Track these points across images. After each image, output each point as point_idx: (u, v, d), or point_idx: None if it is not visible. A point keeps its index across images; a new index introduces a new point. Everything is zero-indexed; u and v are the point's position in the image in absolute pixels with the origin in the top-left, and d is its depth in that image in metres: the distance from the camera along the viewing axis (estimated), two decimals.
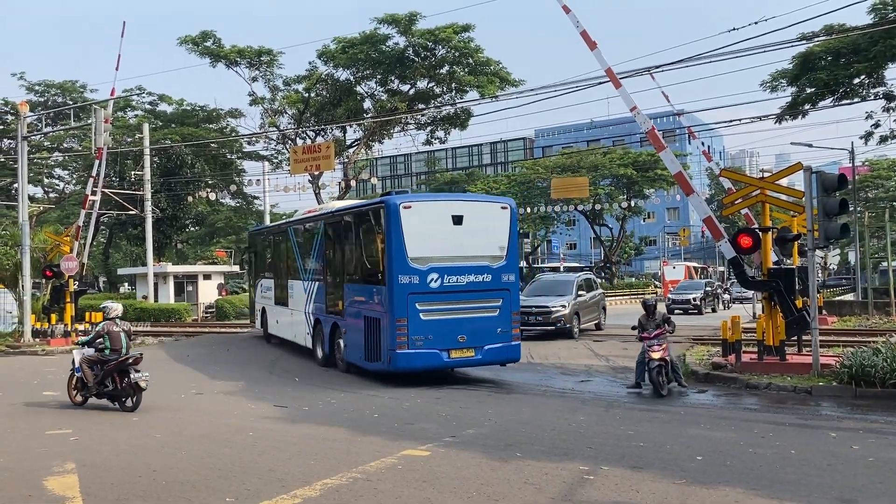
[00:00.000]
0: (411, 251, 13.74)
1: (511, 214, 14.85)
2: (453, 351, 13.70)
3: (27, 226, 24.65)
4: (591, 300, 24.23)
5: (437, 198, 18.85)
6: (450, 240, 14.18)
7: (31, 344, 23.38)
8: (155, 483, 7.15)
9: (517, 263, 15.14)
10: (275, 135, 41.32)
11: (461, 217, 14.34)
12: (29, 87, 43.88)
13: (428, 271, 13.77)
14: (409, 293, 13.61)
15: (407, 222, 13.81)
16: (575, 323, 22.05)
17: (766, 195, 14.04)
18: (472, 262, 14.17)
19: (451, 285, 13.89)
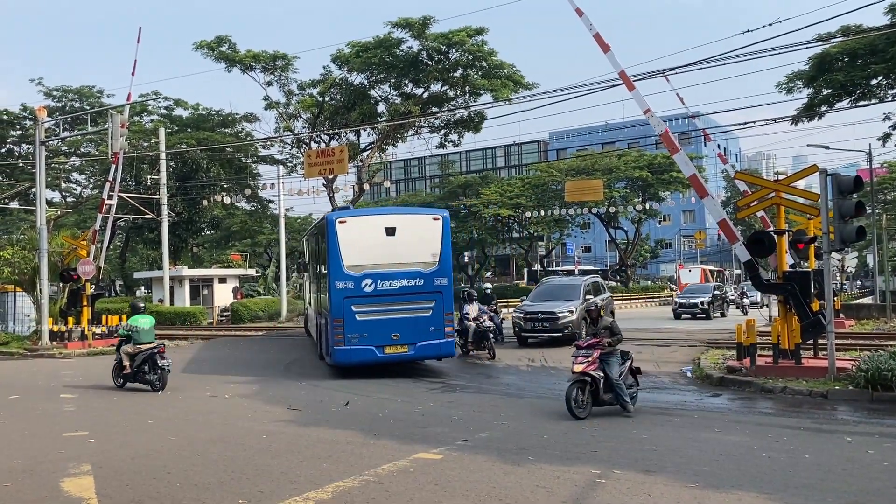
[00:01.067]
0: (346, 260, 15.62)
1: (443, 225, 16.29)
2: (387, 347, 15.44)
3: (45, 230, 24.93)
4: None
5: (372, 212, 21.15)
6: (383, 249, 15.84)
7: (48, 347, 23.64)
8: (169, 485, 7.22)
9: (450, 269, 16.31)
10: (289, 139, 41.52)
11: (394, 229, 16.14)
12: (47, 93, 44.39)
13: (362, 277, 15.54)
14: (344, 297, 15.44)
15: (342, 235, 15.81)
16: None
17: (782, 198, 13.95)
18: (404, 268, 15.73)
19: (385, 289, 15.55)
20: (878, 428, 9.70)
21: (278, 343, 25.46)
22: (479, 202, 58.32)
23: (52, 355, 22.61)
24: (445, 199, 65.57)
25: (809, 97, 27.47)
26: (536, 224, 58.59)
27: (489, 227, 59.97)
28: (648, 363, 16.97)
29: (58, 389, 14.87)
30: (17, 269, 26.09)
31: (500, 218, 58.84)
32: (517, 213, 57.94)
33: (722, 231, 14.86)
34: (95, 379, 16.62)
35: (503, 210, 57.08)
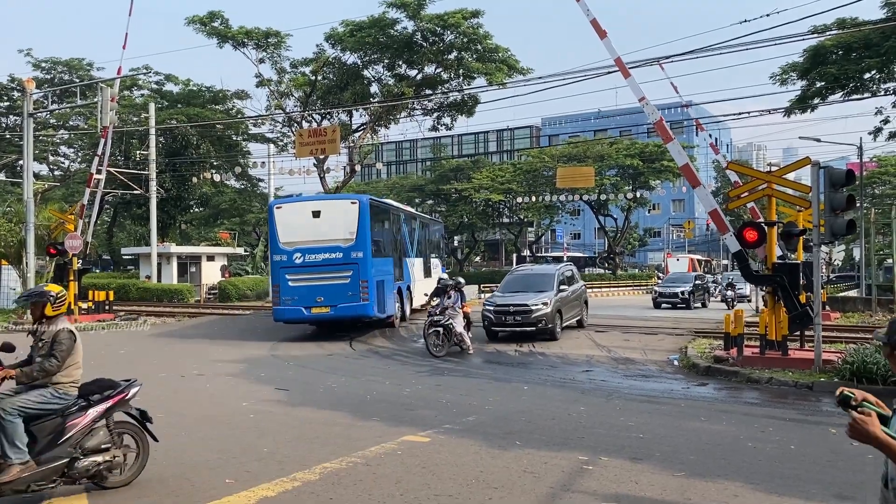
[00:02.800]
0: (282, 238, 19.52)
1: (360, 208, 19.59)
2: (313, 308, 18.78)
3: (31, 203, 24.72)
4: (573, 295, 20.65)
5: (303, 199, 24.45)
6: (310, 229, 19.36)
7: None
8: (156, 464, 7.16)
9: (366, 244, 19.37)
10: (281, 117, 41.24)
11: (319, 212, 19.85)
12: (35, 64, 43.87)
13: (293, 252, 19.27)
14: (280, 267, 19.42)
15: (279, 218, 19.75)
16: (557, 322, 18.77)
17: (773, 189, 13.98)
18: (326, 244, 19.20)
19: (311, 262, 19.15)
20: None
21: (266, 322, 25.38)
22: (471, 186, 58.25)
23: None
24: (437, 182, 65.41)
25: (803, 89, 27.51)
26: (527, 210, 58.62)
27: (480, 211, 59.97)
28: (636, 351, 17.07)
29: None
30: (2, 242, 25.86)
31: (490, 203, 58.83)
32: (508, 198, 57.93)
33: (713, 221, 14.89)
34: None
35: (494, 195, 57.05)
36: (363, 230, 19.30)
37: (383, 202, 24.63)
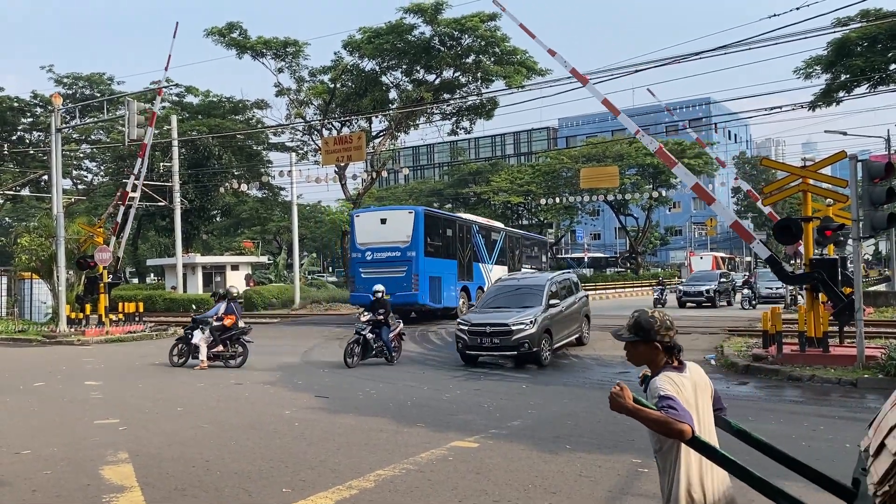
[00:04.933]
0: (359, 239, 24.98)
1: (415, 217, 24.21)
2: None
3: (62, 217, 24.96)
4: (569, 309, 17.43)
5: (373, 210, 30.13)
6: (378, 233, 24.54)
7: (66, 334, 23.72)
8: (210, 473, 7.20)
9: (419, 245, 23.75)
10: (301, 126, 41.43)
11: (385, 219, 25.06)
12: (57, 80, 44.35)
13: (366, 250, 24.61)
14: (356, 262, 24.93)
15: (357, 225, 25.45)
16: (545, 344, 15.58)
17: (809, 184, 13.82)
18: (390, 244, 24.10)
19: (378, 258, 24.19)
20: None
21: (294, 330, 25.50)
22: (489, 189, 58.20)
23: (71, 342, 22.68)
24: (455, 186, 65.45)
25: (827, 82, 27.25)
26: (546, 211, 58.46)
27: (499, 214, 59.89)
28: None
29: (82, 376, 14.89)
30: (34, 257, 26.14)
31: (510, 205, 58.73)
32: (527, 200, 57.79)
33: (737, 231, 14.78)
34: (117, 366, 16.69)
35: (513, 197, 56.97)
36: (417, 234, 23.85)
37: (441, 213, 30.09)
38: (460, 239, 26.80)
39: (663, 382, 3.25)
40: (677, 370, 3.39)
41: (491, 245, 29.49)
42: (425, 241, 24.03)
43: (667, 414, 3.08)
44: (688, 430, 3.05)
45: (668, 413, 3.08)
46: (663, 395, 3.18)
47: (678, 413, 3.07)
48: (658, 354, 3.41)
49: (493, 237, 30.02)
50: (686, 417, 3.08)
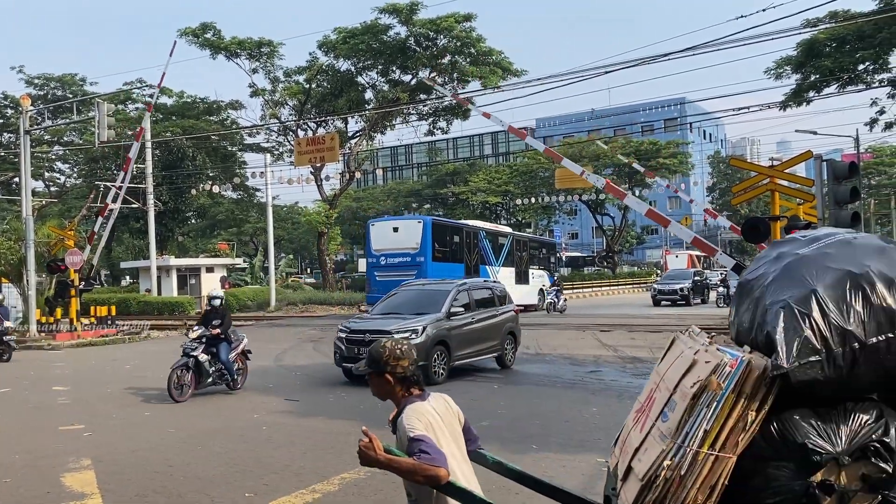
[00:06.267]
0: (374, 245, 27.62)
1: (423, 225, 26.92)
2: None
3: (31, 220, 24.60)
4: (482, 322, 14.84)
5: (388, 219, 34.95)
6: (391, 239, 27.06)
7: (36, 339, 23.39)
8: (173, 479, 7.14)
9: (427, 251, 26.20)
10: (276, 126, 41.22)
11: (397, 228, 27.67)
12: (28, 81, 43.78)
13: (380, 256, 27.15)
14: (371, 266, 27.58)
15: (373, 232, 28.03)
16: (437, 358, 13.37)
17: (776, 183, 13.97)
18: (401, 250, 26.52)
19: (391, 263, 26.45)
20: None
21: (269, 332, 25.35)
22: (467, 189, 58.29)
23: (41, 347, 22.36)
24: (433, 186, 65.45)
25: (798, 83, 27.57)
26: (524, 211, 58.67)
27: (477, 214, 59.97)
28: (643, 349, 17.07)
29: (49, 381, 14.69)
30: (3, 260, 25.75)
31: (488, 205, 58.86)
32: (505, 200, 57.97)
33: (698, 247, 15.11)
34: (87, 371, 16.49)
35: (491, 197, 57.11)
36: (425, 241, 26.34)
37: (447, 221, 33.81)
38: (467, 244, 29.27)
39: (410, 420, 3.03)
40: (420, 398, 3.20)
41: (498, 248, 31.68)
42: (433, 246, 26.60)
43: (419, 459, 2.86)
44: (443, 474, 2.85)
45: (421, 458, 2.86)
46: (413, 436, 2.95)
47: (431, 457, 2.86)
48: (393, 387, 3.21)
49: (501, 241, 32.32)
50: (440, 460, 2.88)
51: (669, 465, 2.48)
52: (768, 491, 2.49)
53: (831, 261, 2.71)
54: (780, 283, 2.75)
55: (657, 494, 2.48)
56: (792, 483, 2.46)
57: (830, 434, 2.48)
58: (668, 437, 2.56)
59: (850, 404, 2.53)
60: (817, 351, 2.47)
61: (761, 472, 2.51)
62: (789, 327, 2.53)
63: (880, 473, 2.42)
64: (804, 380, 2.47)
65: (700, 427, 2.49)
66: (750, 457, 2.50)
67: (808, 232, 3.16)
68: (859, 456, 2.44)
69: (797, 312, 2.55)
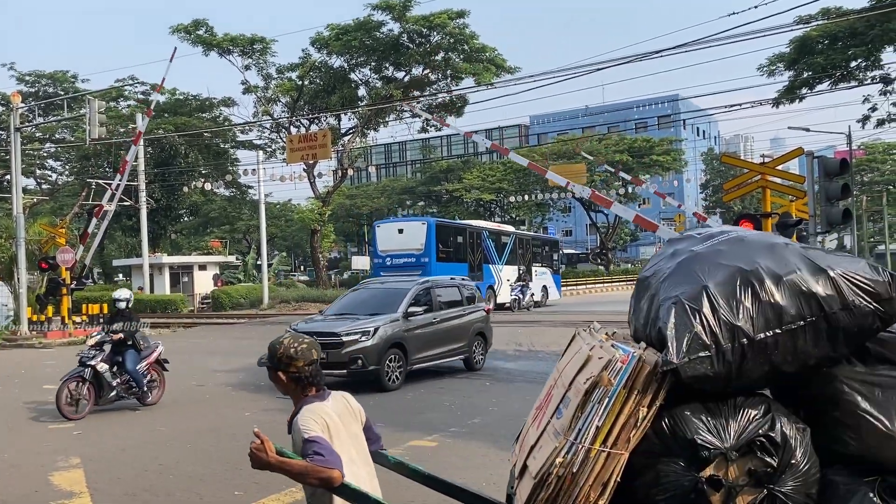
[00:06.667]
0: (380, 247, 28.88)
1: (427, 226, 27.96)
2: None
3: (21, 218, 24.47)
4: (446, 323, 13.99)
5: (392, 220, 34.69)
6: (396, 241, 28.16)
7: (27, 337, 23.29)
8: (162, 477, 7.11)
9: (431, 251, 27.30)
10: (268, 123, 41.08)
11: (402, 229, 28.59)
12: (19, 78, 43.54)
13: (386, 256, 28.25)
14: (378, 266, 28.31)
15: (379, 234, 29.41)
16: (391, 363, 12.43)
17: (767, 180, 13.99)
18: (406, 251, 27.60)
19: (396, 263, 27.33)
20: None
21: (261, 330, 25.26)
22: (461, 187, 58.29)
23: (32, 345, 22.28)
24: (427, 184, 65.42)
25: (790, 80, 27.66)
26: (518, 209, 58.71)
27: (471, 211, 59.98)
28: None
29: (40, 380, 14.61)
30: None
31: (482, 202, 58.87)
32: (499, 197, 57.99)
33: None
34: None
35: (485, 195, 57.13)
36: (429, 242, 27.39)
37: (450, 222, 35.00)
38: (470, 244, 30.12)
39: (306, 421, 2.98)
40: (318, 398, 3.13)
41: (501, 247, 32.49)
42: (437, 247, 27.58)
43: (312, 461, 2.83)
44: (337, 476, 2.82)
45: (314, 460, 2.83)
46: (307, 437, 2.91)
47: (324, 459, 2.83)
48: (289, 385, 3.15)
49: (504, 240, 33.10)
50: (334, 461, 2.84)
51: (561, 462, 2.47)
52: (659, 487, 2.50)
53: (723, 258, 2.74)
54: (673, 280, 2.79)
55: (549, 492, 2.47)
56: (681, 479, 2.47)
57: (720, 429, 2.50)
58: (561, 435, 2.56)
59: (740, 399, 2.56)
60: (707, 346, 2.50)
61: (652, 468, 2.51)
62: (680, 323, 2.55)
63: (766, 468, 2.45)
64: (694, 375, 2.49)
65: (592, 424, 2.49)
66: (642, 453, 2.50)
67: (703, 229, 3.19)
68: (746, 451, 2.46)
69: (688, 308, 2.57)
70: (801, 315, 2.55)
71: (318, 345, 3.23)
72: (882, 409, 2.54)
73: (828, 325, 2.57)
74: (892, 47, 25.61)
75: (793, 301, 2.57)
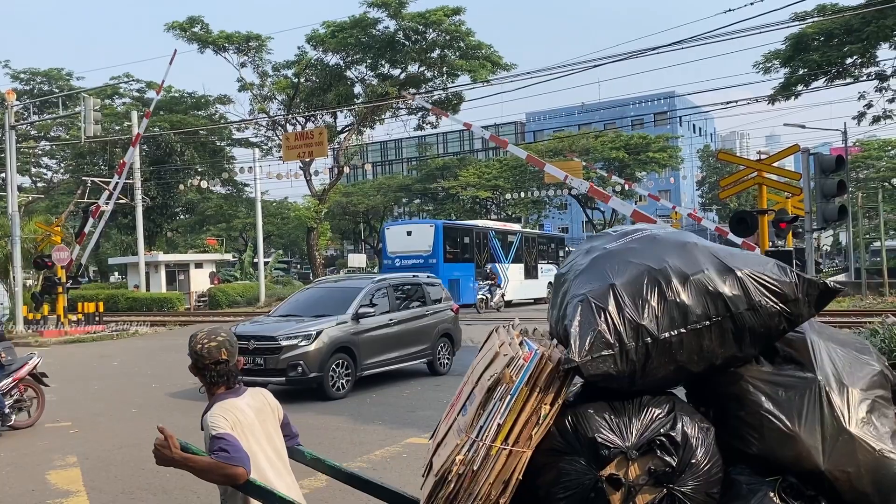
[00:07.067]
0: (389, 248, 29.41)
1: (435, 229, 28.68)
2: None
3: (17, 216, 24.43)
4: (404, 325, 12.93)
5: (401, 223, 36.39)
6: (405, 243, 28.82)
7: (23, 335, 23.24)
8: (158, 476, 7.10)
9: (439, 252, 27.89)
10: (264, 121, 41.01)
11: (410, 232, 29.59)
12: (14, 76, 43.43)
13: (395, 257, 28.59)
14: (387, 268, 27.79)
15: (388, 236, 30.13)
16: (336, 370, 11.39)
17: (764, 177, 14.02)
18: (414, 252, 28.07)
19: (405, 264, 26.86)
20: None
21: None
22: (457, 184, 58.23)
23: (28, 343, 22.19)
24: (423, 181, 65.34)
25: (786, 77, 27.68)
26: (514, 206, 58.69)
27: (468, 209, 59.95)
28: None
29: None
30: None
31: (478, 200, 58.84)
32: (495, 195, 57.97)
33: None
34: (74, 367, 16.39)
35: (481, 192, 57.08)
36: (437, 243, 28.08)
37: (458, 223, 35.90)
38: (477, 244, 30.95)
39: (215, 418, 2.96)
40: (232, 395, 3.10)
41: (507, 246, 33.16)
42: (444, 248, 28.38)
43: (217, 458, 2.80)
44: (241, 473, 2.79)
45: (219, 457, 2.80)
46: (214, 434, 2.89)
47: (229, 456, 2.80)
48: (202, 380, 3.14)
49: (510, 239, 33.75)
50: (240, 459, 2.81)
51: (462, 459, 2.46)
52: (559, 485, 2.49)
53: (634, 256, 2.74)
54: (584, 277, 2.79)
55: (450, 490, 2.45)
56: (582, 477, 2.46)
57: (622, 428, 2.49)
58: (464, 432, 2.55)
59: (646, 398, 2.55)
60: (610, 345, 2.49)
61: (554, 466, 2.50)
62: (585, 321, 2.55)
63: (665, 467, 2.44)
64: (597, 373, 2.49)
65: (493, 421, 2.47)
66: (546, 451, 2.49)
67: (621, 227, 3.20)
68: (647, 450, 2.46)
69: (593, 306, 2.57)
70: (706, 315, 2.55)
71: (230, 344, 3.13)
72: (784, 409, 2.54)
73: (734, 325, 2.56)
74: (888, 44, 25.63)
75: (699, 301, 2.56)
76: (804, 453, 2.48)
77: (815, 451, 2.48)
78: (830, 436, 2.49)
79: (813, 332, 2.77)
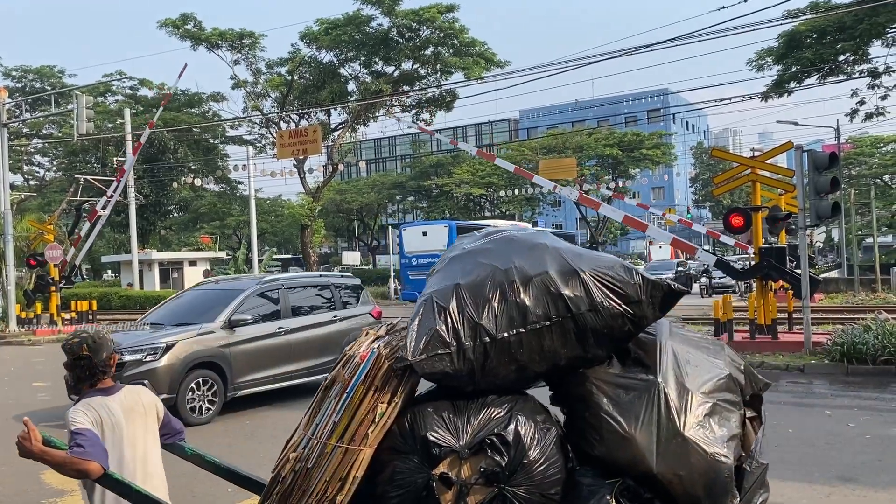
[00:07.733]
0: (406, 248, 31.76)
1: (449, 228, 30.79)
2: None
3: (9, 214, 24.33)
4: (300, 333, 11.00)
5: (417, 224, 38.14)
6: (421, 242, 30.91)
7: (16, 334, 23.15)
8: None
9: None
10: (258, 119, 40.91)
11: (426, 232, 31.88)
12: (6, 73, 43.21)
13: (412, 257, 30.99)
14: (405, 267, 31.57)
15: (405, 237, 32.32)
16: (195, 391, 9.63)
17: (757, 174, 14.07)
18: (430, 252, 29.06)
19: (421, 263, 29.08)
20: (856, 401, 9.88)
21: None
22: (451, 182, 58.22)
23: (21, 342, 22.14)
24: (417, 178, 65.30)
25: (779, 74, 27.75)
26: (508, 203, 58.72)
27: (461, 206, 59.95)
28: None
29: (30, 377, 14.57)
30: None
31: (472, 197, 58.84)
32: (489, 192, 57.98)
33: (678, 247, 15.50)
34: None
35: (475, 189, 57.08)
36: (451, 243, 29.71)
37: (470, 223, 35.56)
38: None
39: (75, 413, 3.00)
40: (102, 393, 3.12)
41: None
42: None
43: (72, 453, 2.83)
44: (95, 468, 2.80)
45: (73, 452, 2.83)
46: (72, 429, 2.92)
47: (84, 451, 2.82)
48: (71, 377, 3.17)
49: None
50: (94, 454, 2.83)
51: (295, 456, 2.47)
52: (393, 484, 2.50)
53: (486, 257, 2.75)
54: (437, 277, 2.84)
55: (285, 486, 2.48)
56: (415, 476, 2.47)
57: (458, 427, 2.49)
58: (301, 429, 2.55)
59: (490, 398, 2.56)
60: (447, 344, 2.50)
61: (391, 464, 2.52)
62: (424, 320, 2.57)
63: (496, 466, 2.44)
64: (432, 372, 2.50)
65: (329, 419, 2.49)
66: (386, 450, 2.51)
67: (487, 228, 3.22)
68: (479, 449, 2.46)
69: (435, 306, 2.59)
70: (547, 315, 2.54)
71: (93, 341, 3.14)
72: (624, 411, 2.53)
73: (576, 325, 2.55)
74: (880, 41, 25.71)
75: (539, 301, 2.55)
76: (639, 456, 2.47)
77: (649, 453, 2.46)
78: (665, 438, 2.47)
79: (665, 335, 2.75)
